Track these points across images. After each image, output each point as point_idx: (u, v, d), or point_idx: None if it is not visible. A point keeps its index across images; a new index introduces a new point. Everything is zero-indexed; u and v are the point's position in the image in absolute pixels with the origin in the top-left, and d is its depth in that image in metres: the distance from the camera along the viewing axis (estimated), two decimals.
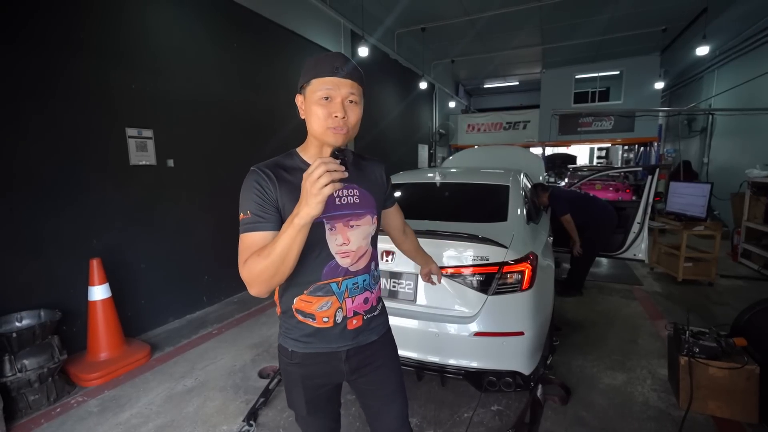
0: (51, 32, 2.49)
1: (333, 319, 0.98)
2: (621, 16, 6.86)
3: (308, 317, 0.98)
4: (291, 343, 1.01)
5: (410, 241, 1.35)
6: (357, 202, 1.00)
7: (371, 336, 1.06)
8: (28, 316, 2.33)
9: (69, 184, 2.62)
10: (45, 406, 2.19)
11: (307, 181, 0.74)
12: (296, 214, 0.77)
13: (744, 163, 5.70)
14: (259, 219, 0.89)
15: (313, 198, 0.73)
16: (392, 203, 1.22)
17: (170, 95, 3.30)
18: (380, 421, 1.11)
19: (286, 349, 1.03)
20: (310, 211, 0.75)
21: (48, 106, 2.50)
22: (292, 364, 1.02)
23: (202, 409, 2.17)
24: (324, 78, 0.88)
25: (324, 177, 0.72)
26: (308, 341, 0.99)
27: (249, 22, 4.12)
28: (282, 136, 4.53)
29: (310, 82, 0.90)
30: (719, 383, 1.98)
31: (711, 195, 4.02)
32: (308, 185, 0.74)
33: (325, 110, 0.88)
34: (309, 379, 1.03)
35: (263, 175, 0.91)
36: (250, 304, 3.80)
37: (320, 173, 0.72)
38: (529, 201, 2.62)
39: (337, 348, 1.00)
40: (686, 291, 3.97)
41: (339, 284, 0.98)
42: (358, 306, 1.02)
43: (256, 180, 0.91)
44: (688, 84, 9.33)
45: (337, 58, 0.90)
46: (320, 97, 0.88)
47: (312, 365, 1.01)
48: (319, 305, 0.97)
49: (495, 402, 2.15)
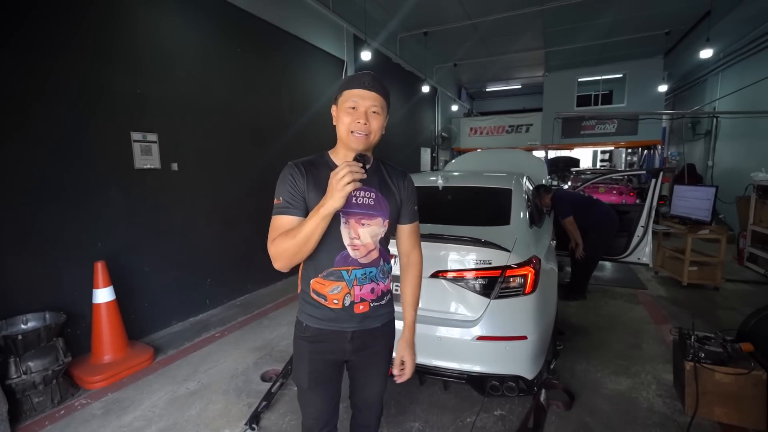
0: (58, 37, 2.53)
1: (342, 302, 1.10)
2: (624, 19, 6.85)
3: (321, 297, 1.11)
4: (306, 317, 1.15)
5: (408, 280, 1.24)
6: (371, 204, 1.12)
7: (375, 322, 1.17)
8: (33, 319, 2.34)
9: (74, 187, 2.65)
10: (49, 408, 2.20)
11: (333, 178, 0.91)
12: (322, 205, 0.93)
13: (749, 166, 5.66)
14: (288, 205, 1.04)
15: (337, 193, 0.90)
16: (407, 221, 1.20)
17: (175, 100, 3.33)
18: (363, 392, 1.27)
19: (301, 323, 1.16)
20: (334, 203, 0.91)
21: (54, 110, 2.53)
22: (303, 337, 1.15)
23: (204, 413, 2.17)
24: (353, 90, 1.05)
25: (347, 176, 0.89)
26: (321, 318, 1.12)
27: (253, 27, 4.16)
28: (286, 140, 4.56)
29: (342, 94, 1.08)
30: (726, 389, 1.96)
31: (716, 198, 3.99)
32: (334, 182, 0.91)
33: (350, 117, 1.05)
34: (315, 353, 1.14)
35: (297, 169, 1.07)
36: (252, 308, 3.80)
37: (344, 173, 0.89)
38: (532, 204, 2.62)
39: (344, 328, 1.13)
40: (691, 295, 3.93)
41: (349, 272, 1.10)
42: (366, 294, 1.13)
43: (290, 173, 1.07)
44: (692, 87, 9.29)
45: (366, 75, 1.07)
46: (348, 107, 1.05)
47: (320, 342, 1.14)
48: (330, 288, 1.10)
49: (498, 407, 2.14)
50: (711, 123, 7.87)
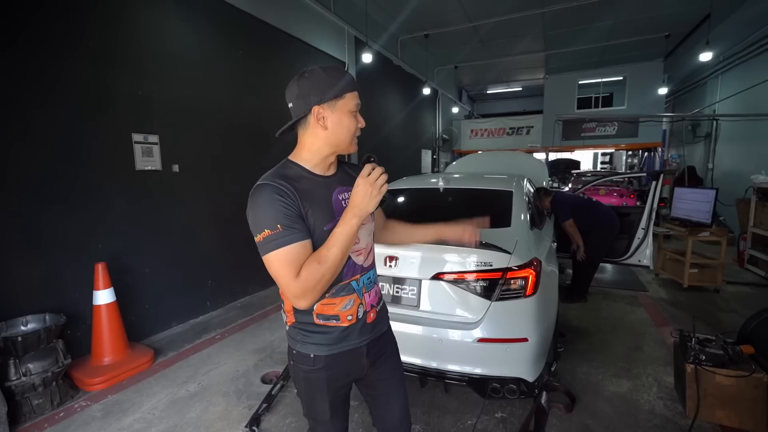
0: (60, 39, 2.54)
1: (356, 315, 1.03)
2: (623, 22, 6.87)
3: (332, 319, 1.00)
4: (313, 348, 1.01)
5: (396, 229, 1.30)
6: None
7: (383, 326, 1.14)
8: (33, 320, 2.34)
9: (75, 188, 2.65)
10: (49, 410, 2.20)
11: (367, 185, 0.89)
12: (353, 214, 0.89)
13: (749, 168, 5.65)
14: (293, 230, 0.87)
15: (374, 198, 0.89)
16: None
17: (177, 101, 3.34)
18: (388, 410, 1.16)
19: (307, 356, 1.01)
20: (370, 208, 0.89)
21: (55, 112, 2.54)
22: (315, 370, 1.01)
23: (204, 415, 2.17)
24: (354, 92, 0.98)
25: (382, 178, 0.89)
26: (333, 343, 1.01)
27: (255, 29, 4.17)
28: (286, 142, 4.53)
29: (344, 96, 0.96)
30: (727, 391, 1.95)
31: (716, 200, 3.99)
32: (369, 187, 0.89)
33: (356, 122, 0.99)
34: (333, 381, 1.04)
35: (281, 187, 0.89)
36: (253, 309, 3.80)
37: (380, 174, 0.90)
38: (533, 206, 2.62)
39: (360, 344, 1.05)
40: (692, 297, 3.93)
41: (358, 281, 1.04)
42: (373, 299, 1.10)
43: (276, 193, 0.88)
44: (692, 89, 9.30)
45: (349, 73, 1.00)
46: (351, 110, 0.97)
47: (336, 366, 1.03)
48: (342, 305, 1.01)
49: (499, 409, 2.14)
50: (711, 125, 7.88)
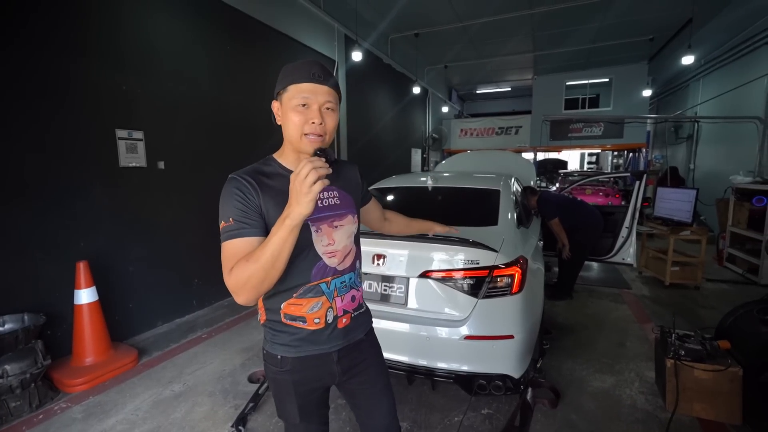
0: (40, 33, 2.46)
1: (324, 319, 0.98)
2: (610, 25, 7.00)
3: (298, 320, 0.97)
4: (280, 349, 0.99)
5: (397, 220, 1.40)
6: (338, 203, 1.02)
7: (359, 334, 1.08)
8: (11, 320, 2.27)
9: (56, 185, 2.58)
10: (27, 412, 2.14)
11: (295, 181, 0.76)
12: (287, 215, 0.78)
13: (728, 169, 5.83)
14: (243, 225, 0.86)
15: (304, 197, 0.75)
16: (369, 199, 1.25)
17: (162, 97, 3.27)
18: (372, 418, 1.12)
19: (274, 357, 1.00)
20: (302, 210, 0.76)
21: (35, 106, 2.46)
22: (282, 371, 1.00)
23: (189, 415, 2.14)
24: (301, 84, 0.89)
25: (311, 175, 0.75)
26: (299, 345, 0.98)
27: (243, 25, 4.11)
28: (275, 139, 4.48)
29: (287, 89, 0.90)
30: (704, 385, 2.01)
31: (697, 200, 4.11)
32: (297, 185, 0.76)
33: (302, 117, 0.90)
34: (301, 385, 1.01)
35: (243, 181, 0.90)
36: (240, 308, 3.76)
37: (307, 171, 0.75)
38: (520, 205, 2.65)
39: (329, 349, 1.00)
40: (673, 294, 4.03)
41: (328, 284, 0.99)
42: (347, 304, 1.03)
43: (236, 187, 0.90)
44: (675, 92, 9.53)
45: (314, 65, 0.91)
46: (297, 104, 0.90)
47: (304, 370, 1.00)
48: (309, 307, 0.97)
49: (485, 405, 2.16)
50: (693, 127, 8.10)
